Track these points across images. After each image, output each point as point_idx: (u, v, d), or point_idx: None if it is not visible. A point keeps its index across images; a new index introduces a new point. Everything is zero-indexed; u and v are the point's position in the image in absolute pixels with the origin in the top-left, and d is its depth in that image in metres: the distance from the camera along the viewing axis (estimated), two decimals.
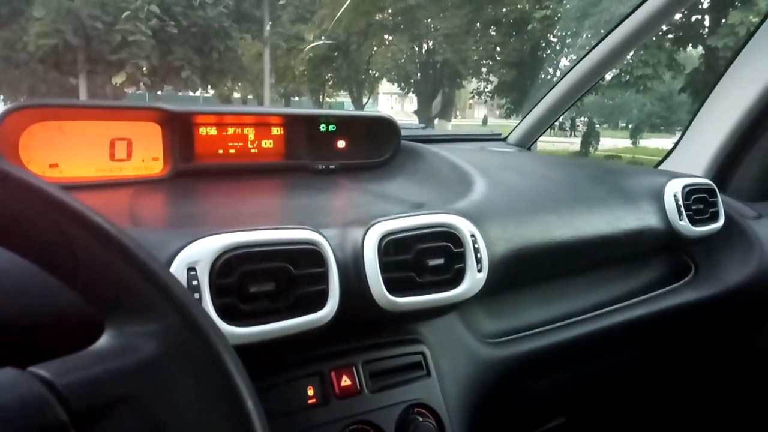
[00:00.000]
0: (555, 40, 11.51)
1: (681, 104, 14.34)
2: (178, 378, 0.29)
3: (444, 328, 0.74)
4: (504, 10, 11.23)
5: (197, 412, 0.29)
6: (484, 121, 25.11)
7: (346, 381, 0.63)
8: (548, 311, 0.88)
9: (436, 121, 16.43)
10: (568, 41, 11.20)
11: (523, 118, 1.40)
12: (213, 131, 0.91)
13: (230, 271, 0.50)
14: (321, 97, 20.54)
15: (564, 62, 11.92)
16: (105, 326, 0.30)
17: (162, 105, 0.85)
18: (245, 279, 0.51)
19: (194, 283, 0.48)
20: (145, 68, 6.79)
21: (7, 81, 7.69)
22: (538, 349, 0.82)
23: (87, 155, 0.81)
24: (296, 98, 22.21)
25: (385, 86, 24.28)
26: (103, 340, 0.30)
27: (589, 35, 9.97)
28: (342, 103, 27.94)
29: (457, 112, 27.09)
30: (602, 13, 9.39)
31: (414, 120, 17.22)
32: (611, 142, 14.39)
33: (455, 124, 19.26)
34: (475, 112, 33.72)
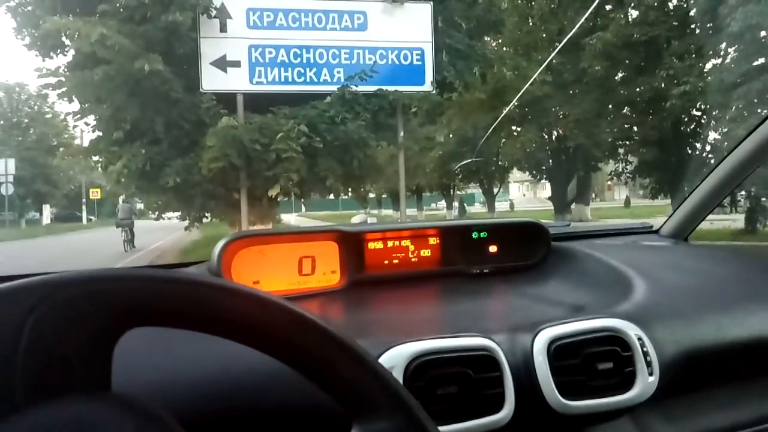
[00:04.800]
0: (698, 113, 10.81)
1: None
2: None
3: None
4: (638, 89, 10.91)
5: None
6: (627, 203, 23.66)
7: None
8: (734, 415, 0.82)
9: (573, 206, 15.87)
10: (714, 113, 10.45)
11: (677, 208, 1.36)
12: (379, 245, 1.04)
13: (421, 375, 0.58)
14: (452, 191, 21.08)
15: (713, 135, 11.09)
16: (353, 424, 0.39)
17: (339, 227, 1.00)
18: (433, 382, 0.58)
19: None
20: (295, 179, 7.58)
21: (184, 198, 9.04)
22: None
23: (281, 272, 0.97)
24: (427, 193, 23.01)
25: (515, 174, 24.27)
26: None
27: (740, 105, 9.23)
28: (473, 195, 28.31)
29: (595, 195, 25.96)
30: (752, 82, 8.71)
31: (549, 206, 16.80)
32: None
33: (594, 208, 18.41)
34: (615, 194, 32.04)
